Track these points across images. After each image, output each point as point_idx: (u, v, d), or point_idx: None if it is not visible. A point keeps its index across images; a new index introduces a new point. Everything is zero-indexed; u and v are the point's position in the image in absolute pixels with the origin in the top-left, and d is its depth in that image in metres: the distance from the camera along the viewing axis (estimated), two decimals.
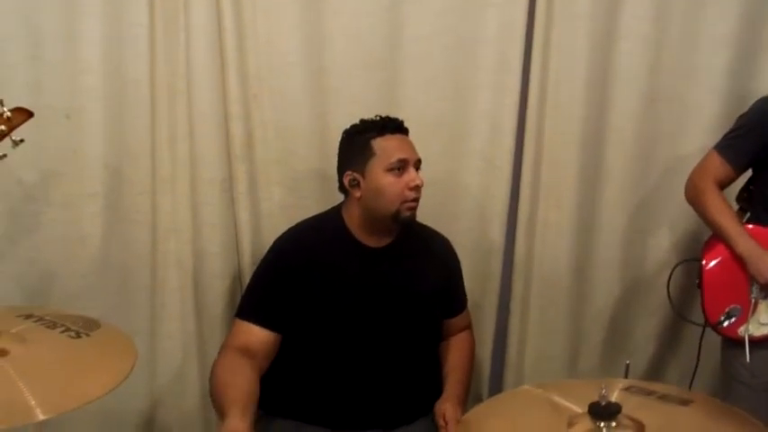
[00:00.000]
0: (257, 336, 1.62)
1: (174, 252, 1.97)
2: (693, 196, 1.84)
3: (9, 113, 1.46)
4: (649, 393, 1.26)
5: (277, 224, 1.94)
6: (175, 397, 2.03)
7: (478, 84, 2.04)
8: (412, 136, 1.98)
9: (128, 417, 2.01)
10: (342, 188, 1.69)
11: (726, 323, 1.74)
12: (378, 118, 1.67)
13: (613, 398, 1.18)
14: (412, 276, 1.71)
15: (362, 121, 1.68)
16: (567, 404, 1.20)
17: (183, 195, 1.96)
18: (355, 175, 1.64)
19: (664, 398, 1.24)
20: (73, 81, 1.82)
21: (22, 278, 1.85)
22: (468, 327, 1.90)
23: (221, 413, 1.45)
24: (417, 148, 1.99)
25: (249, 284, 1.72)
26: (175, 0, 1.84)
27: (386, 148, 1.63)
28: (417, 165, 1.67)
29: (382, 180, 1.61)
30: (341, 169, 1.68)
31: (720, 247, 1.79)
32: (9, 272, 1.83)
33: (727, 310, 1.75)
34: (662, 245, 2.19)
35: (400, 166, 1.62)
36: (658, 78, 2.07)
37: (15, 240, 1.84)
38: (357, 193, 1.65)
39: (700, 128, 2.08)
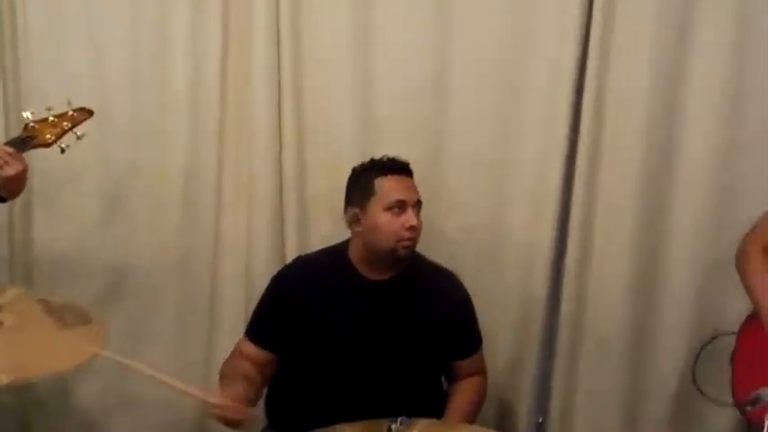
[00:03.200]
0: (254, 353, 1.74)
1: (230, 268, 2.16)
2: (737, 258, 1.65)
3: (73, 112, 1.72)
4: None
5: None
6: None
7: (526, 126, 1.99)
8: (457, 176, 2.00)
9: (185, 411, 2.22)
10: (346, 222, 1.75)
11: (750, 407, 1.50)
12: (384, 158, 1.72)
13: None
14: (412, 311, 1.72)
15: (371, 160, 1.73)
16: None
17: (242, 216, 2.13)
18: (356, 211, 1.70)
19: None
20: (165, 108, 2.10)
21: (102, 264, 2.14)
22: (480, 372, 1.85)
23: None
24: (461, 188, 2.02)
25: (256, 306, 1.81)
26: (244, 45, 2.04)
27: (386, 187, 1.67)
28: (417, 206, 1.68)
29: (380, 218, 1.66)
30: (345, 204, 1.74)
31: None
32: (95, 255, 2.14)
33: (757, 392, 1.51)
34: (740, 309, 1.92)
35: (398, 206, 1.65)
36: (735, 124, 1.86)
37: (105, 229, 2.14)
38: (357, 228, 1.71)
39: None
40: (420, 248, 1.76)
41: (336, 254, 1.77)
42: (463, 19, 1.97)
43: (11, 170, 1.58)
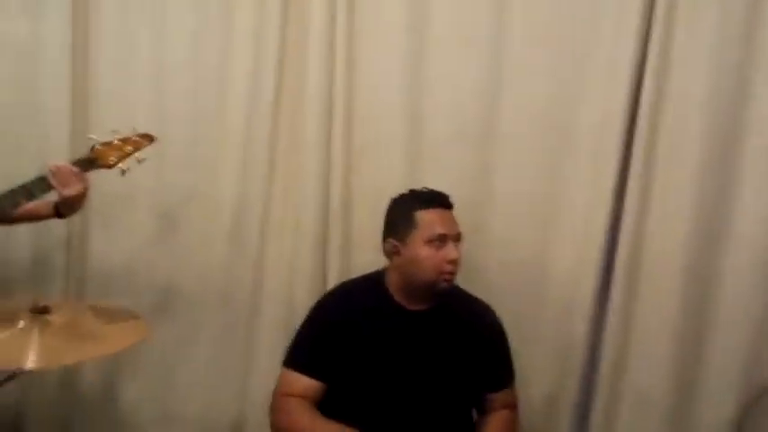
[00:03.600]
0: (305, 384, 1.70)
1: (272, 294, 2.21)
2: None
3: (137, 137, 1.82)
4: None
5: None
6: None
7: (574, 165, 1.99)
8: (502, 211, 2.03)
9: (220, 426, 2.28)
10: (384, 252, 1.77)
11: None
12: (425, 190, 1.73)
13: None
14: (447, 342, 1.71)
15: (410, 192, 1.75)
16: None
17: (286, 243, 2.19)
18: (396, 243, 1.71)
19: None
20: (220, 138, 2.20)
21: (151, 282, 2.24)
22: (511, 406, 1.82)
23: None
24: (507, 224, 2.04)
25: (295, 335, 1.79)
26: (298, 81, 2.12)
27: (428, 221, 1.67)
28: (457, 239, 1.69)
29: (421, 252, 1.67)
30: (384, 235, 1.75)
31: None
32: (144, 274, 2.24)
33: None
34: None
35: (440, 240, 1.66)
36: None
37: (156, 249, 2.24)
38: (396, 260, 1.72)
39: None
40: (461, 282, 1.77)
41: (374, 282, 1.78)
42: (515, 58, 2.00)
43: (73, 190, 1.67)
